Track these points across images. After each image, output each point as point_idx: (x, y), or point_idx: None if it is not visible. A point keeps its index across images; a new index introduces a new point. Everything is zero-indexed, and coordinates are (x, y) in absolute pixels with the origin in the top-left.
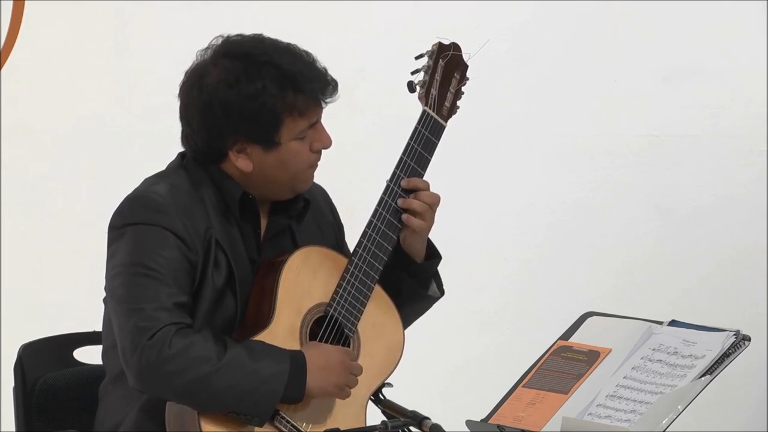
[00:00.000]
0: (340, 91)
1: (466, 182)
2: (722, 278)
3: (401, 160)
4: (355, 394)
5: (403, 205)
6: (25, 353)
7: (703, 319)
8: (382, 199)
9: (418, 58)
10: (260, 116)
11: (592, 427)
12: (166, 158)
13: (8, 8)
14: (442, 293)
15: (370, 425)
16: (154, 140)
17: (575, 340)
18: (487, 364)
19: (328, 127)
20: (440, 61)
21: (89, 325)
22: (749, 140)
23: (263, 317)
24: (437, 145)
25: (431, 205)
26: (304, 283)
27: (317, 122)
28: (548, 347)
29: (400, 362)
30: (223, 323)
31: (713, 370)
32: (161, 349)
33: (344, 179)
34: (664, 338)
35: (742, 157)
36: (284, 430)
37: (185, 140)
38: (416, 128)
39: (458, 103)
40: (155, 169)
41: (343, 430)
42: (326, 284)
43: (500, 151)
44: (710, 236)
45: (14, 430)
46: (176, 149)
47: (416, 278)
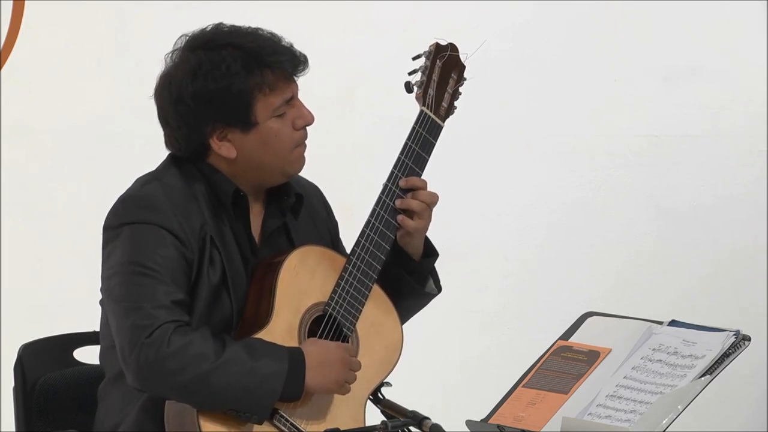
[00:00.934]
0: (339, 90)
1: (466, 182)
2: (722, 278)
3: (399, 160)
4: (354, 393)
5: (401, 205)
6: (25, 353)
7: (703, 319)
8: (380, 198)
9: (415, 58)
10: (230, 98)
11: (592, 427)
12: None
13: (8, 8)
14: (439, 290)
15: (370, 425)
16: (154, 140)
17: (575, 340)
18: (487, 364)
19: (328, 127)
20: (437, 61)
21: (89, 325)
22: (749, 140)
23: (261, 317)
24: (435, 145)
25: (429, 204)
26: (302, 282)
27: (293, 98)
28: (548, 347)
29: (399, 361)
30: (220, 321)
31: (713, 370)
32: (160, 347)
33: (344, 179)
34: (664, 338)
35: (742, 157)
36: (284, 429)
37: (168, 142)
38: (414, 128)
39: (456, 103)
40: (154, 168)
41: (343, 429)
42: (324, 283)
43: (500, 151)
44: (710, 236)
45: (14, 430)
46: None
47: (414, 275)
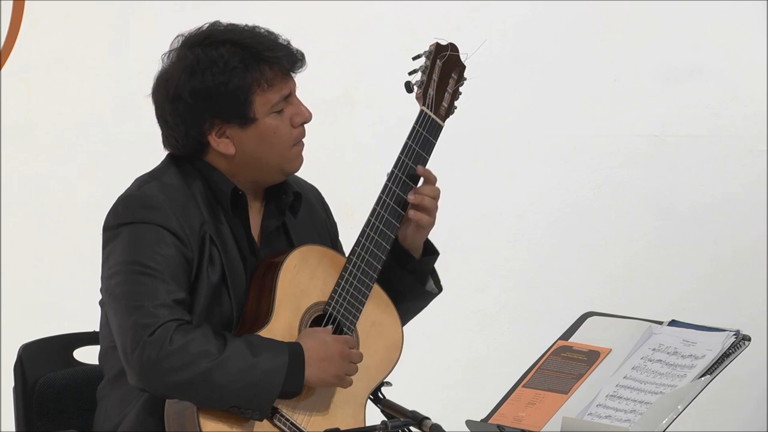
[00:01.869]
0: (339, 90)
1: (466, 182)
2: (722, 278)
3: (399, 159)
4: (354, 393)
5: (416, 201)
6: (25, 353)
7: (703, 319)
8: (380, 198)
9: (415, 58)
10: (228, 93)
11: (592, 427)
12: None
13: (8, 8)
14: (439, 290)
15: (370, 425)
16: (153, 140)
17: (575, 340)
18: (487, 364)
19: (328, 127)
20: (438, 61)
21: (89, 325)
22: (749, 140)
23: (262, 316)
24: (435, 144)
25: (436, 198)
26: (302, 282)
27: (291, 95)
28: (548, 347)
29: (399, 361)
30: (220, 320)
31: (713, 370)
32: (162, 345)
33: (344, 179)
34: (664, 338)
35: (742, 157)
36: (284, 429)
37: (166, 141)
38: (414, 128)
39: (456, 103)
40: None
41: (343, 429)
42: (325, 283)
43: (500, 151)
44: (710, 236)
45: (14, 430)
46: None
47: (414, 274)
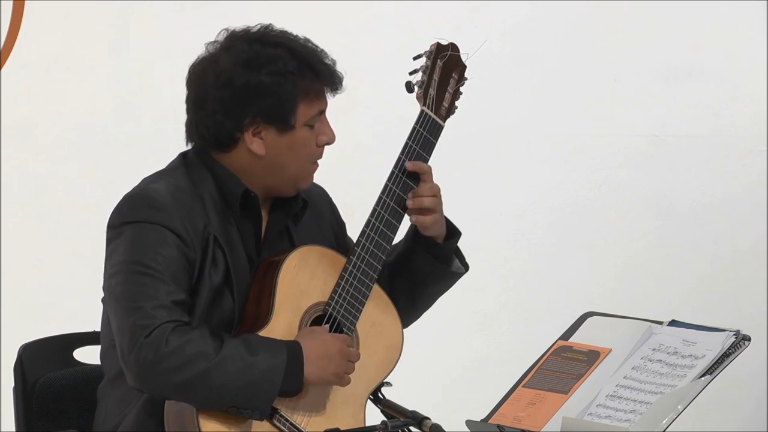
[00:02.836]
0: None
1: (466, 182)
2: (722, 278)
3: (400, 159)
4: (354, 393)
5: (414, 206)
6: (25, 353)
7: (703, 319)
8: (380, 198)
9: (416, 58)
10: (280, 95)
11: (592, 427)
12: (165, 158)
13: (8, 8)
14: (466, 268)
15: (370, 425)
16: (153, 140)
17: (575, 340)
18: (487, 364)
19: None
20: (438, 61)
21: (89, 325)
22: (749, 140)
23: (261, 316)
24: (435, 144)
25: (435, 195)
26: (302, 282)
27: (323, 113)
28: (548, 347)
29: (399, 361)
30: (220, 321)
31: (713, 370)
32: (158, 346)
33: (344, 179)
34: (664, 338)
35: (742, 157)
36: (284, 429)
37: (194, 127)
38: (414, 128)
39: (456, 103)
40: (155, 168)
41: (343, 429)
42: (325, 283)
43: (500, 151)
44: (710, 236)
45: (14, 430)
46: (176, 149)
47: (439, 258)
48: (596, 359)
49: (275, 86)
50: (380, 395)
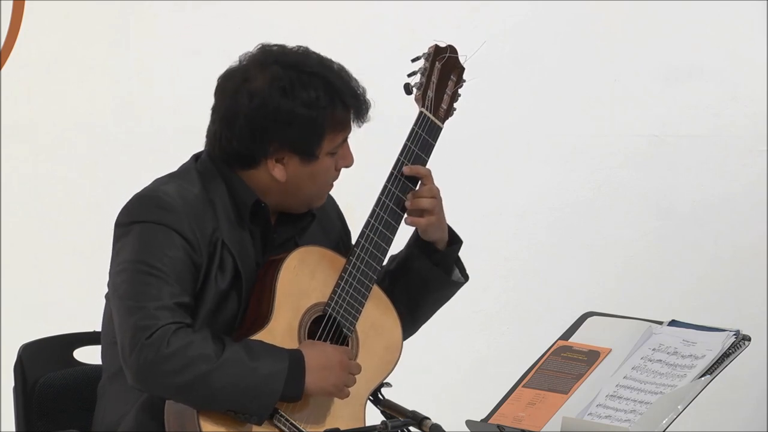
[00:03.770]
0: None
1: (466, 182)
2: (722, 278)
3: (398, 160)
4: (354, 393)
5: (411, 206)
6: (25, 353)
7: (703, 319)
8: (379, 199)
9: (414, 60)
10: (309, 127)
11: (592, 427)
12: (165, 158)
13: (8, 8)
14: (466, 279)
15: (370, 425)
16: (153, 140)
17: (575, 340)
18: (487, 364)
19: None
20: (437, 63)
21: (89, 325)
22: (749, 140)
23: (262, 316)
24: (434, 146)
25: (434, 197)
26: (302, 282)
27: (346, 140)
28: (548, 347)
29: (398, 362)
30: (224, 325)
31: (713, 370)
32: (159, 347)
33: (344, 179)
34: (664, 338)
35: (742, 157)
36: (284, 429)
37: (217, 141)
38: (413, 129)
39: (455, 105)
40: (155, 168)
41: (343, 429)
42: (324, 284)
43: (500, 151)
44: (710, 236)
45: (14, 430)
46: (176, 149)
47: (439, 265)
48: (596, 359)
49: (306, 119)
50: (380, 395)
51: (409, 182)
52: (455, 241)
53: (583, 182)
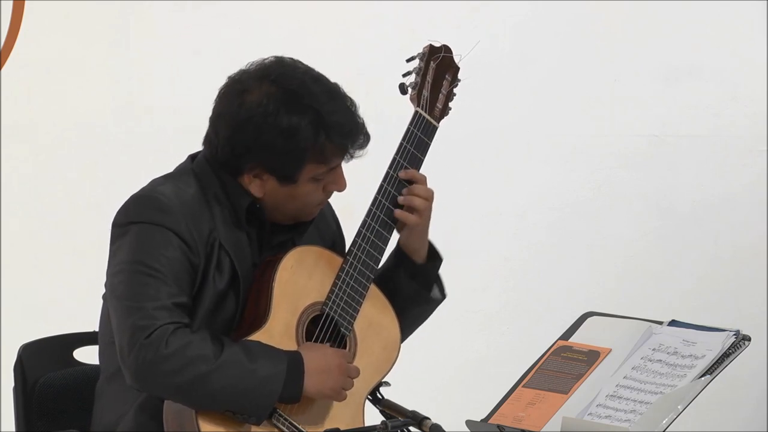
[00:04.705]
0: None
1: (466, 182)
2: (722, 278)
3: (394, 160)
4: (352, 393)
5: (404, 202)
6: (25, 353)
7: (703, 319)
8: (376, 198)
9: (409, 60)
10: (287, 153)
11: (592, 427)
12: (165, 158)
13: (8, 8)
14: (443, 297)
15: (369, 425)
16: (153, 140)
17: (575, 340)
18: (487, 364)
19: None
20: (431, 63)
21: (89, 325)
22: (749, 140)
23: (259, 316)
24: (430, 145)
25: (428, 198)
26: (299, 282)
27: (338, 166)
28: (548, 347)
29: (397, 360)
30: (222, 325)
31: (713, 370)
32: (158, 348)
33: None
34: (664, 338)
35: (742, 157)
36: (283, 429)
37: (208, 142)
38: (409, 129)
39: (450, 104)
40: (155, 167)
41: (342, 429)
42: (322, 283)
43: (500, 151)
44: (710, 236)
45: (14, 430)
46: (175, 149)
47: (417, 279)
48: (596, 359)
49: (286, 145)
50: (379, 395)
51: (405, 182)
52: (435, 257)
53: (583, 182)
